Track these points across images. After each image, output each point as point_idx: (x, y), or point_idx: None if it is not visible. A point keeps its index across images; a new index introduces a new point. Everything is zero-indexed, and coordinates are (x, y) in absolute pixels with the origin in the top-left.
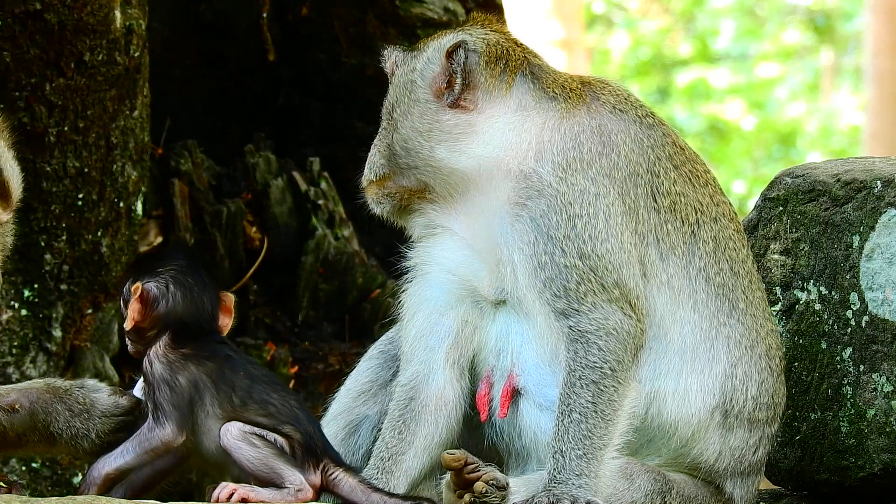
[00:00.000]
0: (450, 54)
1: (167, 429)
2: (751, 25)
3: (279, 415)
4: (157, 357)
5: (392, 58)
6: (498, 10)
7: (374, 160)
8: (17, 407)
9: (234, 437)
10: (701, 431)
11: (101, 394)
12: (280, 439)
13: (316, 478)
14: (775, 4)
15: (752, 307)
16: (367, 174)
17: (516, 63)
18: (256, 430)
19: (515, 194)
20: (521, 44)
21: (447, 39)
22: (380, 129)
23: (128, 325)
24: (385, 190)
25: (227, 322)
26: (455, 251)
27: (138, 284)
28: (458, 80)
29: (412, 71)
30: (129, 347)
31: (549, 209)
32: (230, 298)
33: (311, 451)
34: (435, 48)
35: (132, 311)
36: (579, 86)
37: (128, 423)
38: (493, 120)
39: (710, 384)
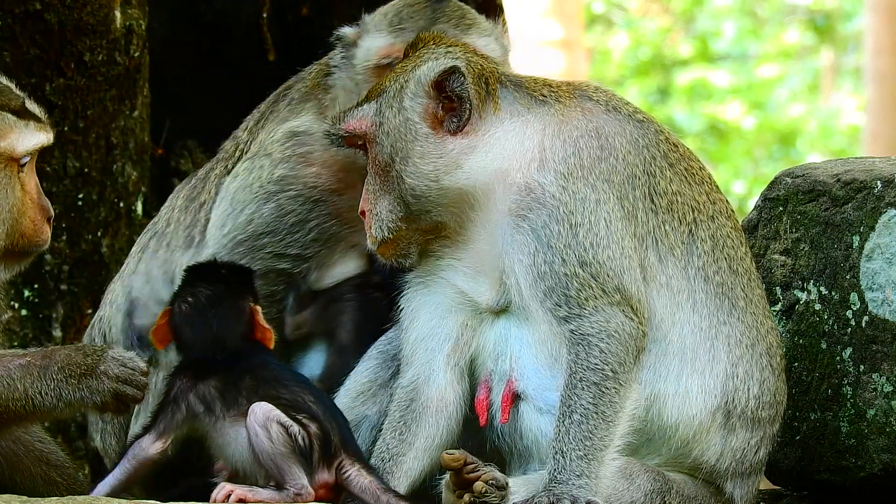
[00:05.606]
0: (439, 83)
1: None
2: (751, 26)
3: (296, 406)
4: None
5: (360, 115)
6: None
7: (384, 217)
8: None
9: (258, 420)
10: (702, 433)
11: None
12: (301, 431)
13: (329, 476)
14: (775, 4)
15: (751, 305)
16: (380, 234)
17: (494, 76)
18: (282, 417)
19: (517, 206)
20: (485, 55)
21: (427, 68)
22: (372, 190)
23: (159, 347)
24: (404, 241)
25: (268, 335)
26: (457, 270)
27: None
28: (466, 105)
29: (402, 111)
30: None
31: (551, 219)
32: (258, 310)
33: (327, 448)
34: (416, 81)
35: (155, 337)
36: (565, 86)
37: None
38: (491, 135)
39: (711, 385)
